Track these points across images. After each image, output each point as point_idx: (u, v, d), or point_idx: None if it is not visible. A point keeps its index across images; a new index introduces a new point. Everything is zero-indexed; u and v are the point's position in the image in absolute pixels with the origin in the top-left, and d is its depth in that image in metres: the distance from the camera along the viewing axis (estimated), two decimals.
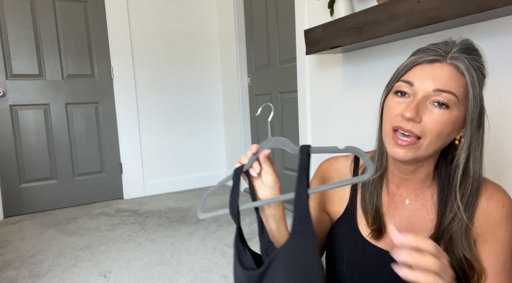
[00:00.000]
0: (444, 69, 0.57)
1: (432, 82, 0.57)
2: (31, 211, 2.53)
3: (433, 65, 0.58)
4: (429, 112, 0.57)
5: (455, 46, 0.59)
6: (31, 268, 1.65)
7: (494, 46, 1.12)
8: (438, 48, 0.59)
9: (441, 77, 0.57)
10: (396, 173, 0.67)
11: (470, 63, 0.57)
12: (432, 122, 0.57)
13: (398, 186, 0.68)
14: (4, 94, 2.39)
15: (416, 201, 0.67)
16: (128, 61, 2.71)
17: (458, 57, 0.57)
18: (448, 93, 0.56)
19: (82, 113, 2.65)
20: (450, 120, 0.57)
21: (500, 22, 1.11)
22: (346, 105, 1.78)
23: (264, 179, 0.63)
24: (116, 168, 2.78)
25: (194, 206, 2.54)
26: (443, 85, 0.56)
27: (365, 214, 0.69)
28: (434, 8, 1.10)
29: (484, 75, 0.60)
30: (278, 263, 0.57)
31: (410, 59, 0.62)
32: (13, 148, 2.45)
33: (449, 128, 0.58)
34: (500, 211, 0.61)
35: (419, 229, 0.65)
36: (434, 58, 0.59)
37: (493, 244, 0.61)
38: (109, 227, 2.16)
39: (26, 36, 2.43)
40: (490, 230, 0.61)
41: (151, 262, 1.67)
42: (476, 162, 0.61)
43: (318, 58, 1.92)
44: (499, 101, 1.13)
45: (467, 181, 0.61)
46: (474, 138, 0.60)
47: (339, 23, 1.49)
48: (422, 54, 0.60)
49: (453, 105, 0.57)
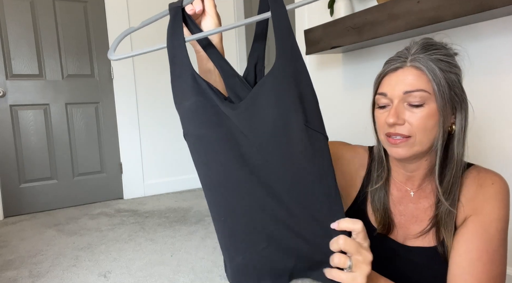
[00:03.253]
0: (407, 73, 0.63)
1: (400, 87, 0.63)
2: (31, 211, 2.53)
3: (397, 72, 0.65)
4: (409, 112, 0.63)
5: (413, 48, 0.65)
6: (31, 268, 1.65)
7: (494, 46, 1.12)
8: (399, 56, 0.65)
9: (406, 80, 0.63)
10: (401, 171, 0.71)
11: (428, 58, 0.62)
12: (415, 120, 0.62)
13: (405, 183, 0.72)
14: (4, 94, 2.39)
15: (420, 193, 0.71)
16: (128, 61, 2.71)
17: (415, 58, 0.63)
18: (417, 91, 0.62)
19: (82, 113, 2.65)
20: (430, 113, 0.62)
21: (500, 22, 1.11)
22: (346, 105, 1.78)
23: (204, 23, 0.59)
24: (116, 168, 2.78)
25: (194, 206, 2.54)
26: (410, 86, 0.62)
27: (374, 211, 0.73)
28: (434, 8, 1.10)
29: (450, 62, 0.64)
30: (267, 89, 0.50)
31: (379, 72, 0.68)
32: (13, 148, 2.45)
33: (432, 121, 0.62)
34: (489, 188, 0.63)
35: (422, 219, 0.69)
36: (396, 66, 0.65)
37: (482, 217, 0.62)
38: (109, 227, 2.16)
39: (26, 36, 2.43)
40: (479, 204, 0.63)
41: (151, 262, 1.67)
42: (460, 143, 0.64)
43: (318, 58, 1.92)
44: (499, 100, 1.13)
45: (451, 163, 0.64)
46: (457, 121, 0.64)
47: (339, 23, 1.49)
48: (388, 65, 0.67)
49: (427, 99, 0.62)
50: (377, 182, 0.72)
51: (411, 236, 0.69)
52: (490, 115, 1.16)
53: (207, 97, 0.53)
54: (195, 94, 0.53)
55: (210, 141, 0.53)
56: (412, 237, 0.69)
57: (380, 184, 0.72)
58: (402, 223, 0.71)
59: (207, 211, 2.40)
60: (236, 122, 0.52)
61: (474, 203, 0.63)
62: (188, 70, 0.53)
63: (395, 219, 0.71)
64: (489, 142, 1.17)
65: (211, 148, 0.54)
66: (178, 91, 0.55)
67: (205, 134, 0.53)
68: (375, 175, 0.73)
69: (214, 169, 0.54)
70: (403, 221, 0.71)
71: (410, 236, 0.69)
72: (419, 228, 0.68)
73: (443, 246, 0.65)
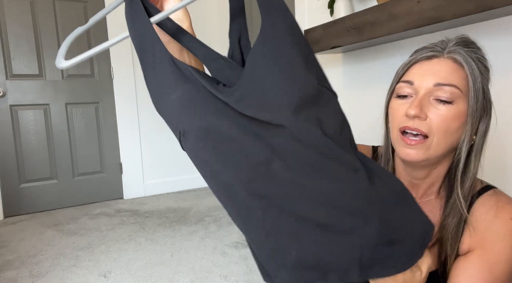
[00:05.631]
0: (443, 63, 0.57)
1: (431, 77, 0.56)
2: (31, 211, 2.53)
3: (431, 61, 0.58)
4: (434, 108, 0.56)
5: (452, 41, 0.59)
6: (31, 268, 1.65)
7: (494, 46, 1.12)
8: (435, 46, 0.59)
9: (440, 71, 0.56)
10: (407, 178, 0.65)
11: (468, 55, 0.57)
12: (438, 118, 0.55)
13: None
14: (4, 94, 2.39)
15: (424, 206, 0.65)
16: (128, 61, 2.71)
17: (455, 50, 0.57)
18: (450, 86, 0.55)
19: (82, 113, 2.65)
20: (456, 114, 0.55)
21: (500, 22, 1.11)
22: (346, 105, 1.78)
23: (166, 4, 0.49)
24: (116, 168, 2.78)
25: (194, 206, 2.54)
26: (443, 79, 0.55)
27: None
28: (434, 8, 1.10)
29: (486, 67, 0.59)
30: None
31: (407, 60, 0.61)
32: (13, 148, 2.45)
33: (456, 124, 0.56)
34: (506, 224, 0.57)
35: None
36: (431, 55, 0.58)
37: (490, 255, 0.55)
38: (109, 227, 2.16)
39: (26, 36, 2.43)
40: (490, 239, 0.56)
41: (151, 262, 1.67)
42: (477, 155, 0.58)
43: (318, 58, 1.92)
44: (499, 101, 1.13)
45: (467, 176, 0.59)
46: (479, 131, 0.58)
47: (339, 23, 1.49)
48: (419, 53, 0.60)
49: (457, 98, 0.55)
50: None
51: None
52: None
53: (196, 84, 0.42)
54: (182, 83, 0.42)
55: (220, 132, 0.41)
56: None
57: None
58: None
59: (207, 211, 2.40)
60: (239, 107, 0.40)
61: (485, 235, 0.56)
62: (164, 56, 0.43)
63: None
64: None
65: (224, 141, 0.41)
66: (156, 85, 0.45)
67: (213, 124, 0.41)
68: None
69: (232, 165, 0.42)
70: None
71: None
72: None
73: (444, 267, 0.59)
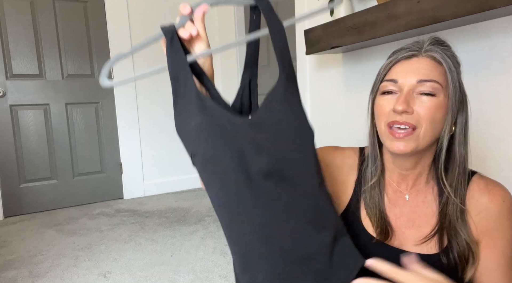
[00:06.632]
0: (422, 62, 0.61)
1: (414, 75, 0.60)
2: (31, 211, 2.53)
3: (411, 60, 0.62)
4: (419, 101, 0.60)
5: (426, 42, 0.63)
6: (31, 268, 1.65)
7: (494, 46, 1.12)
8: (412, 46, 0.63)
9: (421, 69, 0.60)
10: (396, 170, 0.68)
11: (444, 52, 0.61)
12: (424, 109, 0.59)
13: (399, 183, 0.69)
14: (4, 94, 2.39)
15: (417, 196, 0.68)
16: (128, 61, 2.71)
17: (432, 49, 0.62)
18: (431, 82, 0.59)
19: (82, 113, 2.65)
20: (439, 105, 0.60)
21: (500, 22, 1.10)
22: (346, 105, 1.78)
23: (195, 46, 0.56)
24: (116, 168, 2.78)
25: (194, 206, 2.54)
26: (425, 76, 0.60)
27: (369, 216, 0.69)
28: (434, 8, 1.10)
29: (458, 63, 0.63)
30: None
31: (388, 60, 0.65)
32: (13, 148, 2.45)
33: (439, 114, 0.60)
34: (500, 206, 0.62)
35: (420, 225, 0.66)
36: (410, 54, 0.62)
37: (497, 240, 0.62)
38: (109, 227, 2.16)
39: (26, 36, 2.43)
40: (492, 224, 0.62)
41: (151, 262, 1.67)
42: (461, 145, 0.63)
43: (318, 58, 1.92)
44: (497, 100, 1.13)
45: (454, 164, 0.63)
46: (458, 122, 0.63)
47: (339, 23, 1.48)
48: (398, 53, 0.64)
49: (438, 92, 0.60)
50: (371, 178, 0.69)
51: (409, 242, 0.66)
52: (489, 116, 1.16)
53: (214, 116, 0.52)
54: (201, 114, 0.51)
55: (221, 160, 0.51)
56: (410, 243, 0.66)
57: (374, 180, 0.68)
58: (398, 227, 0.67)
59: (207, 211, 2.40)
60: (251, 133, 0.52)
61: (488, 223, 0.62)
62: (192, 90, 0.52)
63: (392, 223, 0.67)
64: (486, 144, 1.17)
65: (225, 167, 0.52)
66: (181, 111, 0.54)
67: (216, 154, 0.51)
68: (368, 172, 0.70)
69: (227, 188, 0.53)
70: (399, 224, 0.67)
71: (408, 241, 0.66)
72: (416, 234, 0.65)
73: (446, 253, 0.63)
